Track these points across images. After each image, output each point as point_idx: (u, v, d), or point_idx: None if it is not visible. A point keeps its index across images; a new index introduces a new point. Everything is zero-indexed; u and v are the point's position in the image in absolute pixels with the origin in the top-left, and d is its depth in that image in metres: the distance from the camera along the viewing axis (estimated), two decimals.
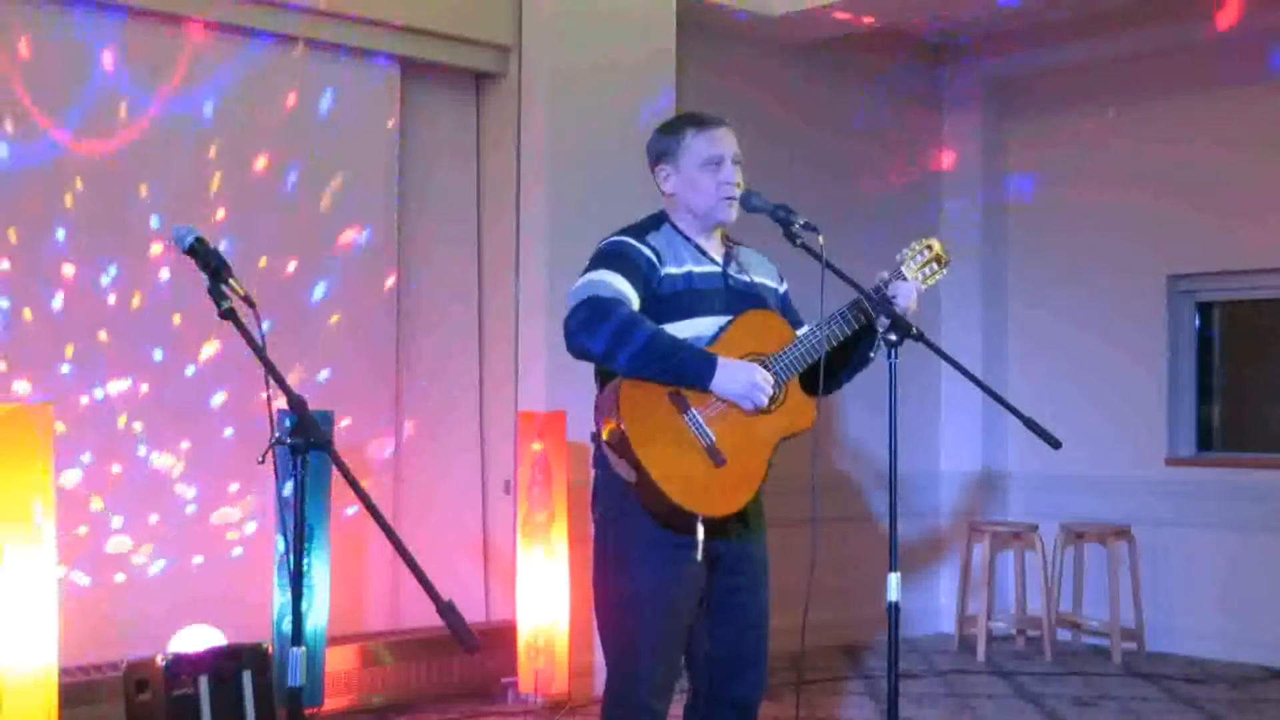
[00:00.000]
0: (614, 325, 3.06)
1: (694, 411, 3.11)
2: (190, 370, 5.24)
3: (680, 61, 6.15)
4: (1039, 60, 7.48)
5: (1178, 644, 6.98)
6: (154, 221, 5.14)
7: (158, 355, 5.18)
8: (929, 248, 3.36)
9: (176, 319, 5.19)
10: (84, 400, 4.99)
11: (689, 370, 3.09)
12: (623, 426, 3.06)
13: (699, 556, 3.12)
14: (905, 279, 3.29)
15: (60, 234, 4.98)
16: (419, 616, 5.51)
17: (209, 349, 5.25)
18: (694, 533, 3.10)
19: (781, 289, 3.48)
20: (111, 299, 5.08)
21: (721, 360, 3.11)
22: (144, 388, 5.14)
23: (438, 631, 5.15)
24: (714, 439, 3.12)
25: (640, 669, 3.20)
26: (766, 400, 3.13)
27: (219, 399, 5.29)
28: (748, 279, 3.35)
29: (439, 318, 6.03)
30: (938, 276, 3.37)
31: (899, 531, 3.20)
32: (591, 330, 3.08)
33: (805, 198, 4.07)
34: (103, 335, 5.05)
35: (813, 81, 7.17)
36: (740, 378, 3.10)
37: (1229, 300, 7.32)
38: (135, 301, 5.13)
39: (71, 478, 4.91)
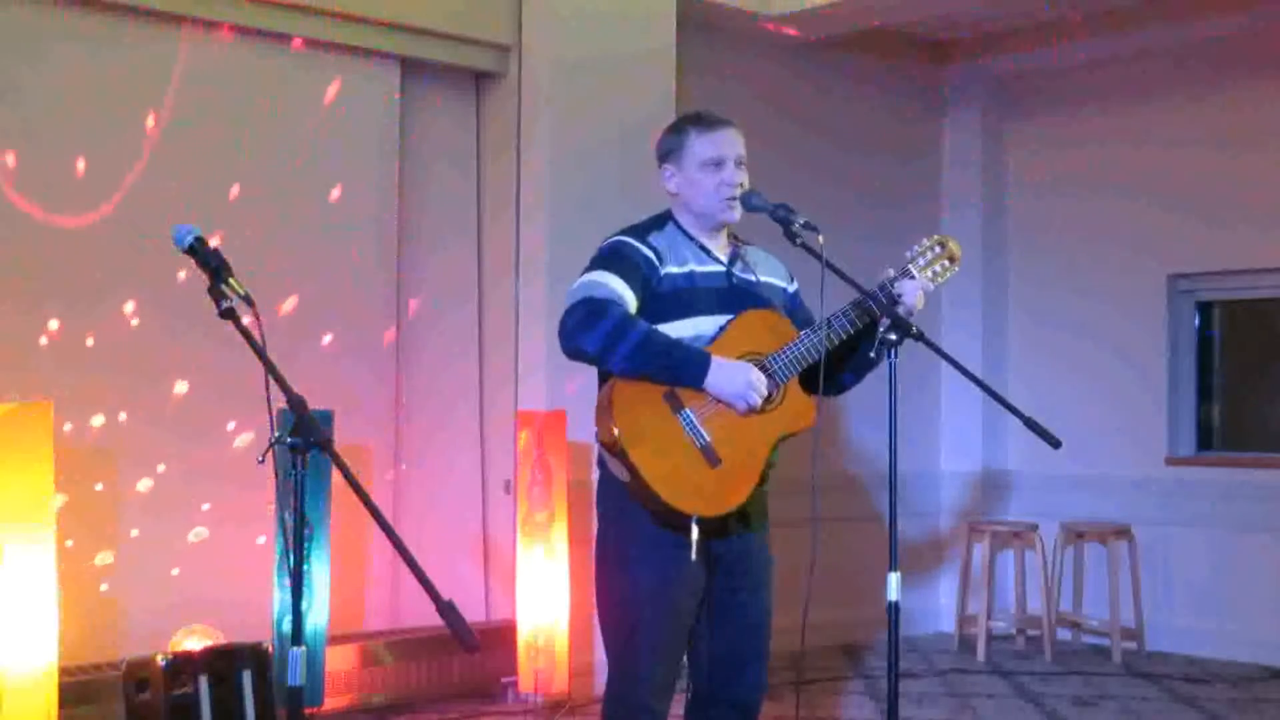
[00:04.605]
0: (608, 325, 3.06)
1: (688, 411, 3.11)
2: (190, 369, 5.24)
3: (680, 61, 6.15)
4: (1040, 60, 7.48)
5: (1178, 644, 6.98)
6: (153, 222, 5.13)
7: (158, 355, 5.17)
8: (941, 245, 3.32)
9: (177, 320, 5.18)
10: (83, 400, 4.99)
11: (683, 370, 3.09)
12: (616, 427, 3.06)
13: (694, 556, 3.12)
14: (913, 277, 3.26)
15: (60, 233, 4.98)
16: (419, 616, 5.50)
17: (210, 349, 5.25)
18: (690, 533, 3.10)
19: (791, 289, 3.46)
20: (112, 301, 5.08)
21: (716, 360, 3.10)
22: (144, 388, 5.14)
23: (438, 631, 5.15)
24: (709, 439, 3.11)
25: (640, 669, 3.20)
26: (760, 401, 3.12)
27: (220, 399, 5.28)
28: (752, 278, 3.34)
29: (439, 317, 6.03)
30: (948, 275, 3.33)
31: (899, 531, 3.20)
32: (586, 330, 3.08)
33: (805, 197, 4.06)
34: (103, 335, 5.05)
35: (813, 81, 7.17)
36: (734, 378, 3.10)
37: (1229, 300, 7.32)
38: (136, 303, 5.13)
39: (73, 477, 4.90)
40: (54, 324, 4.96)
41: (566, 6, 5.89)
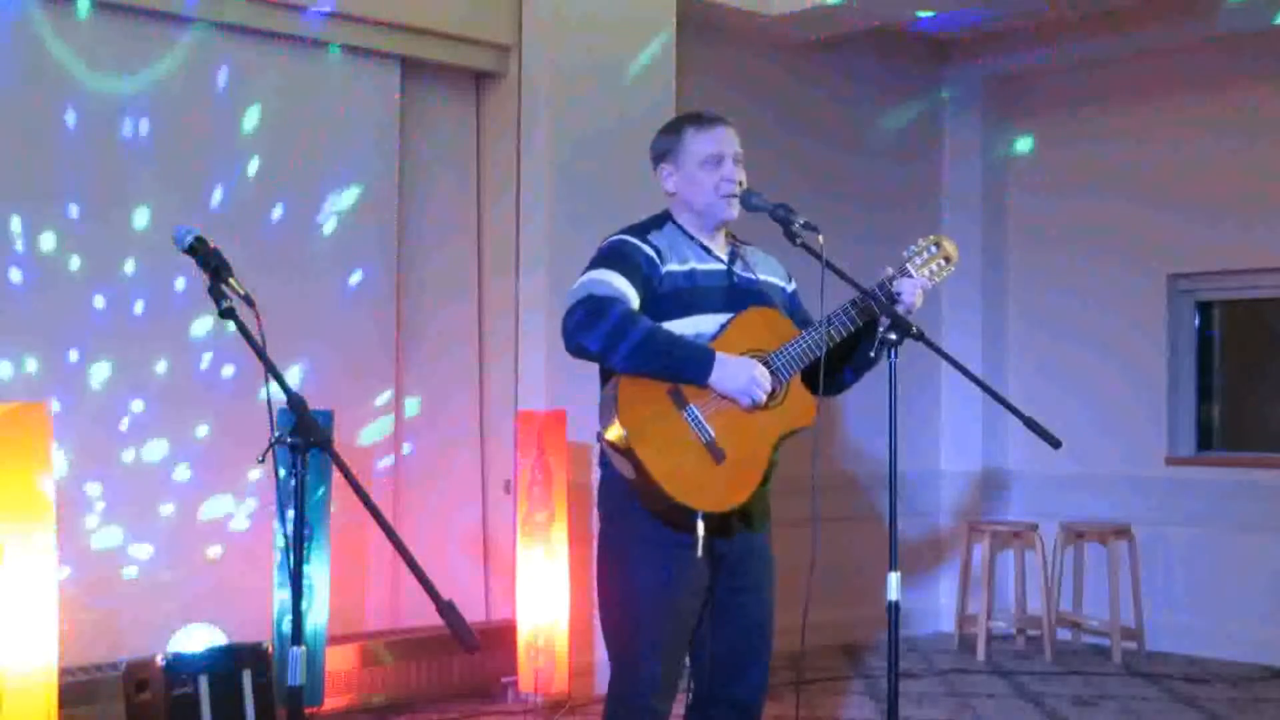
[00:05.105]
0: (611, 323, 3.06)
1: (693, 408, 3.11)
2: (189, 370, 5.24)
3: (680, 61, 6.15)
4: (1039, 60, 7.48)
5: (1178, 644, 6.98)
6: (152, 221, 5.14)
7: (155, 354, 5.17)
8: (937, 244, 3.33)
9: (173, 319, 5.18)
10: (83, 401, 4.99)
11: (687, 366, 3.09)
12: (622, 424, 3.06)
13: (700, 553, 3.12)
14: (911, 276, 3.27)
15: (55, 235, 4.98)
16: (419, 616, 5.50)
17: (208, 348, 5.25)
18: (694, 531, 3.10)
19: (790, 288, 3.47)
20: (108, 302, 5.08)
21: (720, 356, 3.10)
22: (142, 387, 5.14)
23: (438, 631, 5.15)
24: (713, 436, 3.11)
25: (641, 669, 3.20)
26: (764, 397, 3.12)
27: (218, 399, 5.29)
28: (752, 277, 3.35)
29: (439, 317, 6.03)
30: (945, 274, 3.34)
31: (899, 531, 3.20)
32: (588, 329, 3.08)
33: (804, 197, 4.07)
34: (100, 332, 5.05)
35: (812, 81, 7.17)
36: (738, 374, 3.10)
37: (1229, 300, 7.32)
38: (132, 303, 5.12)
39: (72, 478, 4.90)
40: (53, 321, 4.95)
41: (567, 6, 5.88)
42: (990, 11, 6.90)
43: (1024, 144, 7.71)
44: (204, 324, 5.23)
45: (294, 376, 5.36)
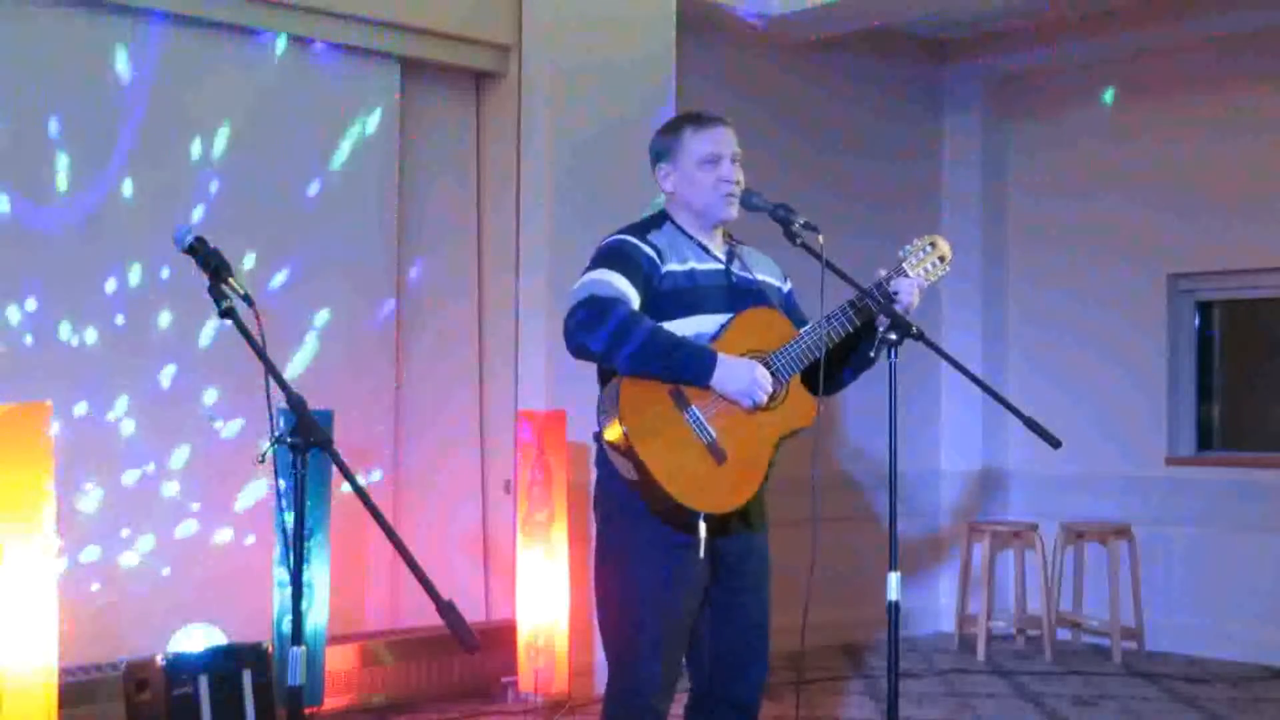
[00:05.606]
0: (613, 324, 3.06)
1: (694, 409, 3.11)
2: (189, 369, 5.24)
3: (680, 61, 6.15)
4: (1040, 59, 7.48)
5: (1178, 644, 6.98)
6: (149, 220, 5.13)
7: (155, 353, 5.17)
8: (932, 244, 3.34)
9: (170, 320, 5.18)
10: (81, 401, 4.99)
11: (689, 367, 3.09)
12: (624, 425, 3.06)
13: (701, 554, 3.12)
14: (907, 275, 3.28)
15: (49, 236, 4.98)
16: (419, 616, 5.50)
17: (206, 348, 5.25)
18: (695, 531, 3.10)
19: (785, 288, 3.47)
20: (106, 303, 5.07)
21: (722, 357, 3.11)
22: (141, 387, 5.14)
23: (438, 631, 5.15)
24: (715, 436, 3.11)
25: (641, 669, 3.20)
26: (766, 398, 3.13)
27: (216, 398, 5.29)
28: (751, 276, 3.35)
29: (439, 317, 6.03)
30: (940, 273, 3.35)
31: (899, 531, 3.20)
32: (591, 329, 3.08)
33: (804, 197, 4.06)
34: (98, 332, 5.05)
35: (812, 81, 7.17)
36: (740, 375, 3.10)
37: (1229, 300, 7.32)
38: (129, 304, 5.12)
39: (71, 478, 4.90)
40: (48, 322, 4.95)
41: (567, 6, 5.89)
42: (990, 11, 6.91)
43: (1024, 144, 7.68)
44: (204, 323, 5.23)
45: (292, 377, 5.36)
